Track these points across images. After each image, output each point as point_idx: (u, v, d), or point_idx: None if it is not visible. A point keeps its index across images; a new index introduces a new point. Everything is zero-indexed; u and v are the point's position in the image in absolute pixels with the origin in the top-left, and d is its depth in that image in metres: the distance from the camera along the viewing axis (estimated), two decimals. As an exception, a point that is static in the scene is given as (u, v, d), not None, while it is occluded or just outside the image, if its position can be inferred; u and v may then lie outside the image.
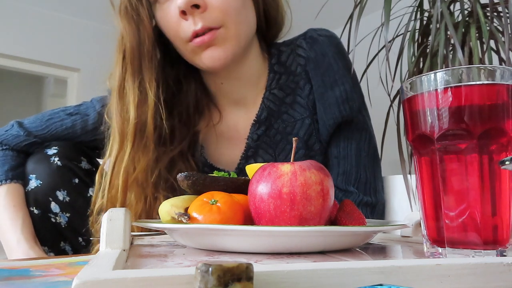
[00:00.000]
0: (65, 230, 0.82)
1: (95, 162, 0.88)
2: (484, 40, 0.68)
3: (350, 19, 0.75)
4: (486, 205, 0.34)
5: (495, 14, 0.71)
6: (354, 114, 0.77)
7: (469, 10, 0.74)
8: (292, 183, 0.39)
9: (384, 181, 0.82)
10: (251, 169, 0.50)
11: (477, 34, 0.68)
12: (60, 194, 0.81)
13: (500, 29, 0.68)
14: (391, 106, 0.74)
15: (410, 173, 0.70)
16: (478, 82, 0.35)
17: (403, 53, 0.74)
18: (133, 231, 0.53)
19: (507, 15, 0.63)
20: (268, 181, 0.40)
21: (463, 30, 0.68)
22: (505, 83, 0.35)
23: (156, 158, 0.72)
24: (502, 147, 0.34)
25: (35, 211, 0.80)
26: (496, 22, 0.70)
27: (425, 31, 0.78)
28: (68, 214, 0.81)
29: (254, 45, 0.79)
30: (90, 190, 0.83)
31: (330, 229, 0.37)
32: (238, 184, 0.47)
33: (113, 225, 0.36)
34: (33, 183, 0.80)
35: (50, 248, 0.81)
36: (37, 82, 4.52)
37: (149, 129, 0.71)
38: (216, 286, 0.19)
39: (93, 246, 0.73)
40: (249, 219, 0.43)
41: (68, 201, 0.81)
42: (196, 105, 0.82)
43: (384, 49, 0.72)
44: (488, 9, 0.71)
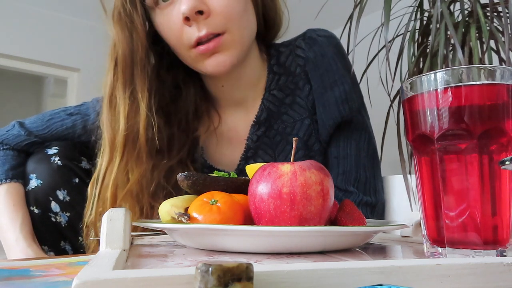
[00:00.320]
0: (65, 230, 0.82)
1: (95, 162, 0.88)
2: (484, 40, 0.68)
3: (350, 19, 0.75)
4: (486, 205, 0.34)
5: (495, 14, 0.71)
6: (354, 114, 0.77)
7: (469, 10, 0.74)
8: (292, 183, 0.39)
9: (384, 181, 0.82)
10: (251, 169, 0.50)
11: (477, 34, 0.68)
12: (60, 194, 0.81)
13: (500, 29, 0.68)
14: (391, 106, 0.74)
15: (410, 173, 0.70)
16: (478, 82, 0.35)
17: (403, 53, 0.74)
18: (135, 231, 0.53)
19: (507, 15, 0.63)
20: (268, 181, 0.40)
21: (463, 30, 0.68)
22: (505, 83, 0.35)
23: (152, 168, 0.71)
24: (502, 147, 0.34)
25: (35, 211, 0.80)
26: (496, 22, 0.70)
27: (425, 31, 0.78)
28: (68, 214, 0.81)
29: (253, 47, 0.79)
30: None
31: (330, 229, 0.37)
32: (238, 184, 0.47)
33: (113, 225, 0.36)
34: (33, 183, 0.80)
35: (50, 247, 0.81)
36: (37, 82, 4.52)
37: (141, 140, 0.69)
38: (216, 286, 0.19)
39: (88, 248, 0.72)
40: (249, 219, 0.43)
41: (68, 200, 0.81)
42: (195, 110, 0.81)
43: (384, 49, 0.72)
44: (488, 9, 0.71)
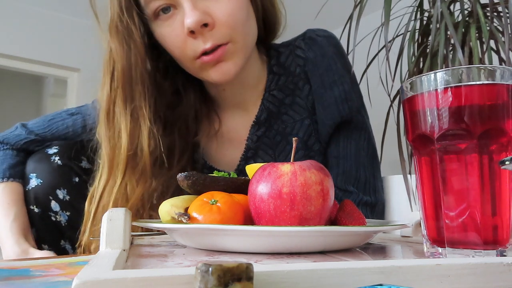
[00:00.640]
0: (65, 229, 0.82)
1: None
2: (484, 40, 0.68)
3: (350, 19, 0.75)
4: (486, 205, 0.34)
5: (495, 14, 0.71)
6: (353, 114, 0.77)
7: (469, 10, 0.74)
8: (292, 183, 0.39)
9: (384, 181, 0.82)
10: (251, 169, 0.50)
11: (477, 34, 0.68)
12: (60, 193, 0.81)
13: (500, 29, 0.68)
14: (391, 106, 0.74)
15: (410, 173, 0.70)
16: (478, 82, 0.35)
17: (403, 53, 0.74)
18: (137, 231, 0.53)
19: (507, 15, 0.63)
20: (268, 181, 0.40)
21: (463, 30, 0.68)
22: (505, 83, 0.35)
23: (154, 182, 0.69)
24: (502, 147, 0.34)
25: (35, 210, 0.80)
26: (496, 22, 0.70)
27: (425, 31, 0.78)
28: (68, 213, 0.81)
29: (254, 49, 0.78)
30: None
31: (330, 229, 0.37)
32: (238, 184, 0.47)
33: (113, 225, 0.36)
34: (33, 182, 0.80)
35: (50, 246, 0.82)
36: (37, 82, 4.52)
37: (145, 158, 0.67)
38: (216, 286, 0.19)
39: (80, 248, 0.70)
40: (249, 219, 0.43)
41: (68, 200, 0.81)
42: (195, 116, 0.81)
43: (384, 49, 0.72)
44: (488, 9, 0.71)
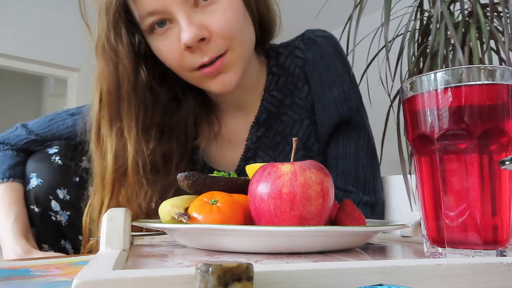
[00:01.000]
0: (65, 228, 0.82)
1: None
2: (484, 40, 0.68)
3: (350, 19, 0.75)
4: (486, 205, 0.34)
5: (495, 14, 0.71)
6: (353, 114, 0.77)
7: (469, 10, 0.74)
8: (292, 183, 0.39)
9: (384, 181, 0.82)
10: (251, 169, 0.50)
11: (477, 34, 0.68)
12: (60, 193, 0.81)
13: (500, 29, 0.68)
14: (391, 106, 0.74)
15: (410, 173, 0.70)
16: (478, 82, 0.35)
17: (403, 53, 0.74)
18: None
19: (507, 15, 0.63)
20: (268, 181, 0.40)
21: (463, 30, 0.68)
22: (505, 83, 0.35)
23: (148, 192, 0.70)
24: (502, 147, 0.34)
25: (36, 209, 0.80)
26: (496, 22, 0.70)
27: (425, 31, 0.78)
28: (68, 213, 0.81)
29: (252, 53, 0.78)
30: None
31: (330, 229, 0.37)
32: (238, 184, 0.47)
33: (113, 225, 0.36)
34: (34, 182, 0.80)
35: (50, 246, 0.82)
36: (37, 82, 4.52)
37: (131, 177, 0.67)
38: (216, 286, 0.19)
39: (83, 247, 0.71)
40: (249, 219, 0.43)
41: (68, 199, 0.81)
42: (194, 121, 0.80)
43: (384, 49, 0.72)
44: (488, 9, 0.71)
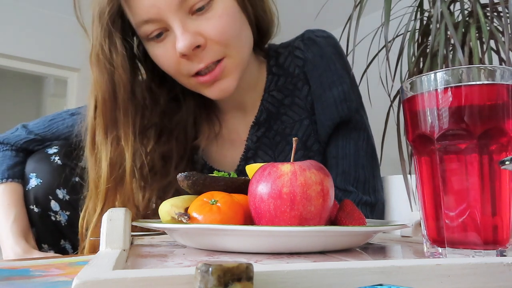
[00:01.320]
0: (65, 228, 0.82)
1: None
2: (484, 40, 0.68)
3: (350, 19, 0.75)
4: (486, 205, 0.34)
5: (495, 14, 0.71)
6: (352, 114, 0.77)
7: (469, 10, 0.74)
8: (292, 183, 0.39)
9: (384, 181, 0.82)
10: (251, 169, 0.50)
11: (477, 34, 0.68)
12: (60, 193, 0.81)
13: (500, 29, 0.68)
14: (391, 106, 0.74)
15: (410, 173, 0.70)
16: (478, 82, 0.35)
17: (403, 53, 0.74)
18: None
19: (507, 15, 0.63)
20: (268, 181, 0.40)
21: (463, 30, 0.68)
22: (505, 83, 0.35)
23: (145, 195, 0.70)
24: (502, 147, 0.34)
25: (35, 210, 0.80)
26: (496, 22, 0.70)
27: (425, 31, 0.78)
28: (68, 213, 0.81)
29: (251, 54, 0.77)
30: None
31: (330, 229, 0.37)
32: (238, 184, 0.47)
33: (113, 225, 0.36)
34: (33, 182, 0.80)
35: (50, 246, 0.82)
36: (37, 82, 4.52)
37: (127, 185, 0.66)
38: (216, 286, 0.19)
39: (80, 251, 0.71)
40: (249, 219, 0.43)
41: (68, 199, 0.81)
42: (194, 121, 0.80)
43: (384, 49, 0.72)
44: (488, 9, 0.71)
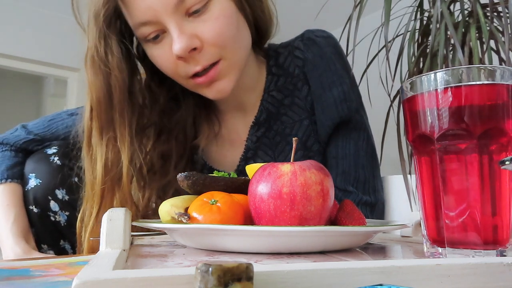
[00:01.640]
0: (64, 229, 0.82)
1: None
2: (484, 40, 0.68)
3: (349, 19, 0.75)
4: (486, 205, 0.34)
5: (495, 14, 0.71)
6: (352, 114, 0.77)
7: (469, 10, 0.74)
8: (292, 183, 0.39)
9: (384, 181, 0.82)
10: (251, 169, 0.50)
11: (477, 34, 0.68)
12: (59, 193, 0.81)
13: (500, 29, 0.68)
14: (391, 106, 0.74)
15: (410, 173, 0.70)
16: (478, 82, 0.35)
17: (403, 53, 0.74)
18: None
19: (507, 15, 0.63)
20: (268, 181, 0.40)
21: (463, 30, 0.68)
22: (505, 83, 0.35)
23: (145, 195, 0.70)
24: (502, 147, 0.34)
25: (35, 210, 0.80)
26: (496, 22, 0.70)
27: (425, 31, 0.78)
28: (67, 213, 0.81)
29: (250, 54, 0.77)
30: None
31: (330, 229, 0.37)
32: (238, 184, 0.47)
33: (113, 225, 0.36)
34: (32, 182, 0.80)
35: (49, 246, 0.81)
36: (37, 82, 4.52)
37: (124, 186, 0.66)
38: (216, 286, 0.19)
39: (78, 251, 0.71)
40: (249, 219, 0.43)
41: (67, 199, 0.81)
42: (194, 121, 0.80)
43: (384, 49, 0.72)
44: (488, 9, 0.71)
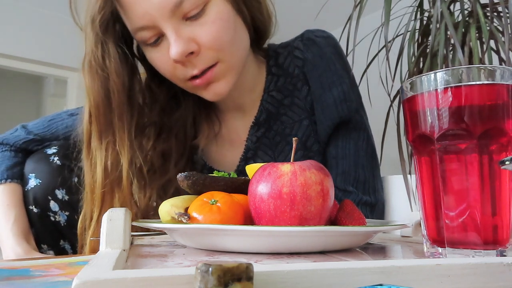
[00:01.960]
0: (64, 229, 0.82)
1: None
2: (484, 40, 0.68)
3: (349, 19, 0.75)
4: (486, 205, 0.34)
5: (495, 14, 0.71)
6: (352, 114, 0.77)
7: (469, 10, 0.74)
8: (292, 183, 0.39)
9: (384, 181, 0.82)
10: (251, 169, 0.50)
11: (477, 34, 0.68)
12: (59, 193, 0.81)
13: (500, 29, 0.68)
14: (391, 106, 0.74)
15: (410, 173, 0.70)
16: (478, 82, 0.35)
17: (403, 53, 0.74)
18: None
19: (507, 15, 0.63)
20: (268, 181, 0.40)
21: (463, 30, 0.68)
22: (505, 83, 0.35)
23: (146, 195, 0.70)
24: (502, 147, 0.34)
25: (35, 210, 0.80)
26: (496, 22, 0.70)
27: (425, 31, 0.78)
28: (67, 213, 0.81)
29: (249, 54, 0.77)
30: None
31: (330, 229, 0.37)
32: (238, 184, 0.47)
33: (113, 225, 0.36)
34: (32, 182, 0.80)
35: (49, 246, 0.81)
36: (37, 82, 4.52)
37: (124, 188, 0.66)
38: (216, 286, 0.19)
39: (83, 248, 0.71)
40: (249, 219, 0.43)
41: (67, 200, 0.81)
42: (194, 120, 0.80)
43: (384, 49, 0.72)
44: (488, 9, 0.71)
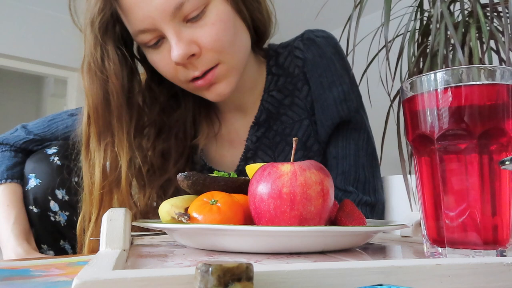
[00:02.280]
0: (64, 229, 0.82)
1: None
2: (484, 40, 0.68)
3: (349, 20, 0.75)
4: (486, 205, 0.34)
5: (495, 14, 0.71)
6: (352, 114, 0.77)
7: (469, 10, 0.74)
8: (292, 183, 0.39)
9: (384, 181, 0.82)
10: (251, 169, 0.50)
11: (477, 34, 0.68)
12: (59, 193, 0.81)
13: (500, 29, 0.68)
14: (391, 106, 0.74)
15: (410, 173, 0.70)
16: (478, 82, 0.35)
17: (403, 53, 0.74)
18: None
19: (507, 15, 0.63)
20: (268, 181, 0.40)
21: (463, 30, 0.68)
22: (505, 83, 0.35)
23: (145, 195, 0.70)
24: (502, 147, 0.34)
25: (34, 210, 0.80)
26: (496, 22, 0.70)
27: (425, 31, 0.78)
28: (67, 213, 0.81)
29: (249, 54, 0.77)
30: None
31: (330, 229, 0.37)
32: (238, 184, 0.47)
33: (113, 225, 0.36)
34: (32, 182, 0.80)
35: (49, 246, 0.81)
36: (37, 82, 4.52)
37: (123, 189, 0.66)
38: (216, 286, 0.19)
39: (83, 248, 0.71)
40: (249, 219, 0.43)
41: (67, 200, 0.81)
42: (194, 120, 0.81)
43: (384, 49, 0.72)
44: (488, 9, 0.71)
